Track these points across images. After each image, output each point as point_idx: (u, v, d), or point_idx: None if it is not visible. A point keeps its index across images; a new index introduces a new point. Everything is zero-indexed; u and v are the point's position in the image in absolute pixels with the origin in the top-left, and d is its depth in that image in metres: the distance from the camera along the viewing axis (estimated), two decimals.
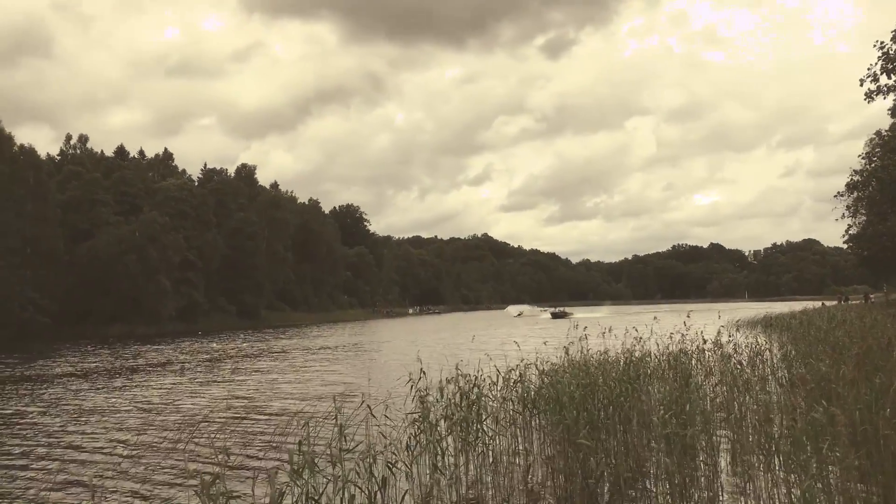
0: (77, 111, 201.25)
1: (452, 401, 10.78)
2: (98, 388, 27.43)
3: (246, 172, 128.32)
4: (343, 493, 7.43)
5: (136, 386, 27.94)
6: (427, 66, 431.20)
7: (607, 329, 16.79)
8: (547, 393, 11.55)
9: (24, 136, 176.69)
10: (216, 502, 6.34)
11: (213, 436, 14.47)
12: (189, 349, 50.54)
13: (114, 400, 23.79)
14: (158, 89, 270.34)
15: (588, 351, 15.14)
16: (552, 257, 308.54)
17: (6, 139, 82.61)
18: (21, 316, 72.24)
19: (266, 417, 17.45)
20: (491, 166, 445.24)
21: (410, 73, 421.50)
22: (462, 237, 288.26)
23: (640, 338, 16.84)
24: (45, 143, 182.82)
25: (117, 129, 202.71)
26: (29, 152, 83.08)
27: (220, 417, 18.17)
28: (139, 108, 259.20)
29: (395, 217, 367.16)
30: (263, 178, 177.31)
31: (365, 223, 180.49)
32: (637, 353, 15.23)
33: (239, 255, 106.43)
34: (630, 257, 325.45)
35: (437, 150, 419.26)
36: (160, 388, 26.70)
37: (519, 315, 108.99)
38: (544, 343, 17.15)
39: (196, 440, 14.34)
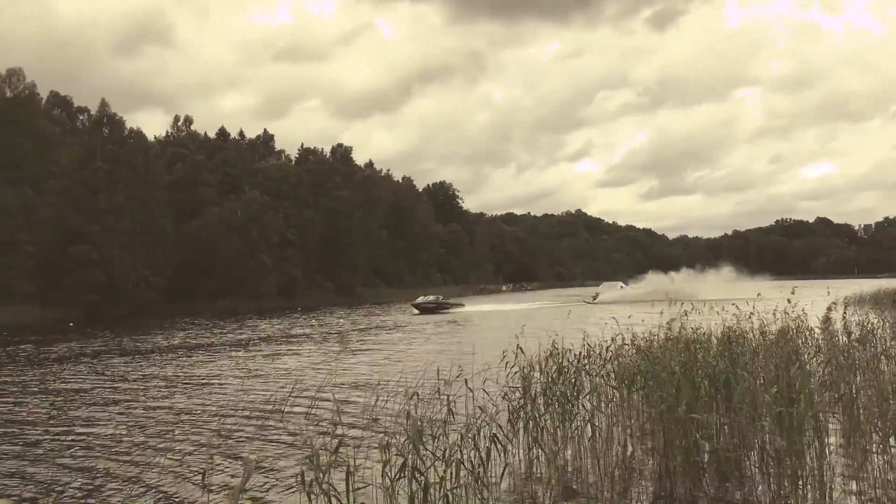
0: (191, 96, 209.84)
1: (550, 376, 10.75)
2: (221, 359, 28.70)
3: (342, 152, 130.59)
4: (450, 467, 7.50)
5: (249, 358, 29.06)
6: (528, 42, 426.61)
7: (708, 306, 16.32)
8: (645, 368, 11.36)
9: (140, 120, 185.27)
10: (325, 472, 6.47)
11: (313, 405, 14.88)
12: (303, 323, 52.29)
13: (231, 371, 24.82)
14: (266, 73, 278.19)
15: (687, 328, 14.77)
16: (648, 233, 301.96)
17: (117, 124, 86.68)
18: (134, 293, 76.12)
19: (369, 389, 17.77)
20: (590, 142, 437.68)
21: (511, 51, 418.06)
22: (556, 214, 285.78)
23: (744, 314, 16.29)
24: (159, 127, 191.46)
25: (227, 112, 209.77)
26: (138, 135, 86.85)
27: (327, 389, 18.53)
28: (248, 91, 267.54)
29: (491, 194, 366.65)
30: (363, 157, 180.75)
31: (458, 200, 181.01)
32: (738, 330, 14.77)
33: (335, 233, 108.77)
34: (730, 232, 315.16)
35: (536, 127, 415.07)
36: (276, 358, 27.67)
37: (595, 300, 77.56)
38: (642, 320, 16.84)
39: (311, 411, 14.68)
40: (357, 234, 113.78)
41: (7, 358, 32.26)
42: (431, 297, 66.97)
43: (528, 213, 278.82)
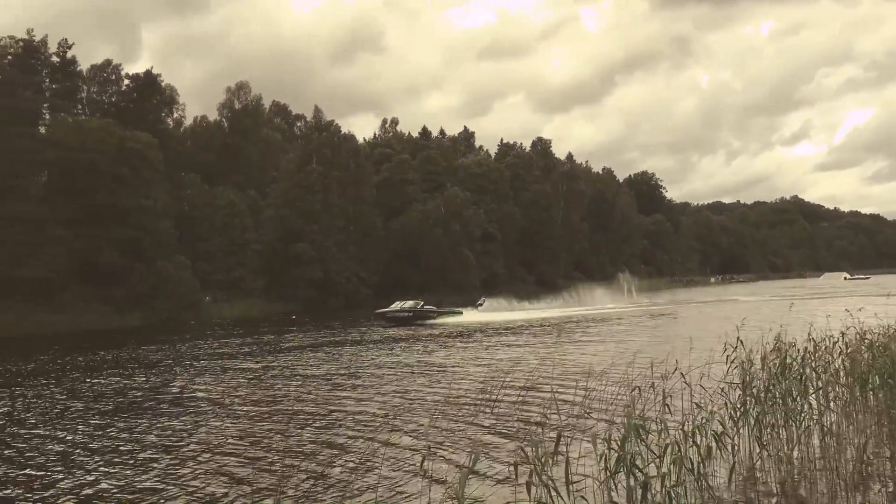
0: (399, 99, 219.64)
1: (774, 372, 10.03)
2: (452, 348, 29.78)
3: (542, 146, 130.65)
4: (670, 464, 7.19)
5: (464, 348, 29.90)
6: (740, 22, 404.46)
7: None
8: (882, 367, 10.29)
9: (353, 124, 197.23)
10: (544, 463, 6.40)
11: (528, 395, 14.94)
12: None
13: (445, 359, 25.64)
14: (469, 72, 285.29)
15: None
16: (875, 219, 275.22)
17: (330, 128, 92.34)
18: (347, 287, 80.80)
19: (582, 380, 17.60)
20: (808, 123, 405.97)
21: (720, 33, 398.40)
22: (769, 201, 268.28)
23: None
24: (371, 130, 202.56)
25: (431, 112, 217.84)
26: (350, 139, 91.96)
27: (542, 380, 18.58)
28: (452, 91, 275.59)
29: (697, 183, 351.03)
30: (563, 150, 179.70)
31: (661, 190, 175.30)
32: None
33: (535, 227, 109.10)
34: None
35: (747, 111, 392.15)
36: (491, 348, 28.25)
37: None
38: (875, 313, 15.34)
39: (526, 401, 14.78)
40: (557, 227, 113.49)
41: (256, 347, 35.35)
42: (409, 304, 52.26)
43: (738, 201, 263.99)
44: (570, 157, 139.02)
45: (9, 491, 11.00)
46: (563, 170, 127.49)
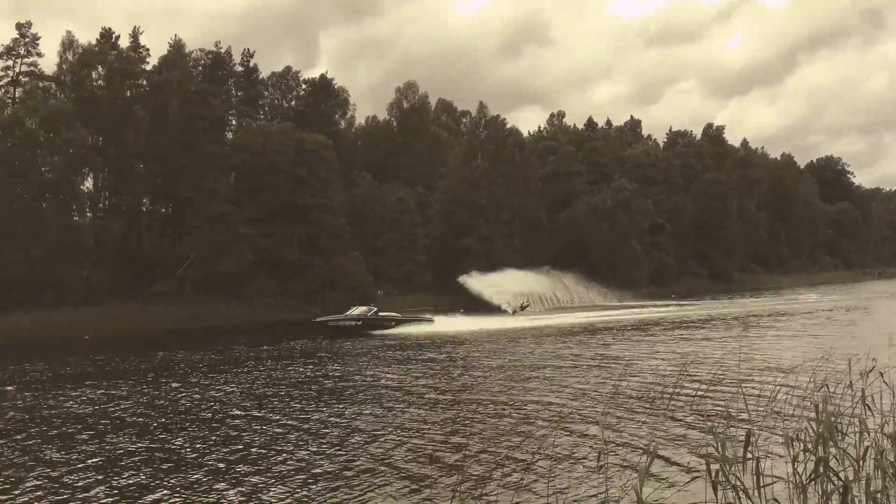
0: (565, 91, 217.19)
1: None
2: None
3: (713, 133, 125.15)
4: (869, 467, 6.66)
5: (640, 342, 29.31)
6: None
7: None
8: None
9: (520, 118, 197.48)
10: (732, 463, 6.11)
11: (711, 391, 14.41)
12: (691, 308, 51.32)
13: (628, 352, 25.23)
14: (638, 60, 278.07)
15: None
16: None
17: (495, 123, 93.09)
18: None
19: (769, 376, 16.71)
20: None
21: None
22: None
23: None
24: (536, 123, 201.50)
25: (598, 103, 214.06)
26: (514, 133, 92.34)
27: (728, 376, 17.86)
28: (620, 80, 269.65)
29: (890, 167, 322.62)
30: (738, 136, 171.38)
31: (848, 176, 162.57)
32: None
33: (708, 218, 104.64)
34: None
35: None
36: (668, 343, 27.55)
37: None
38: None
39: (709, 396, 14.29)
40: (732, 218, 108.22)
41: (428, 341, 36.38)
42: (360, 310, 44.84)
43: None
44: (744, 143, 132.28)
45: (241, 468, 11.83)
46: (737, 157, 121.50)
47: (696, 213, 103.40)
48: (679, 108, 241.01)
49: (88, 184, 66.91)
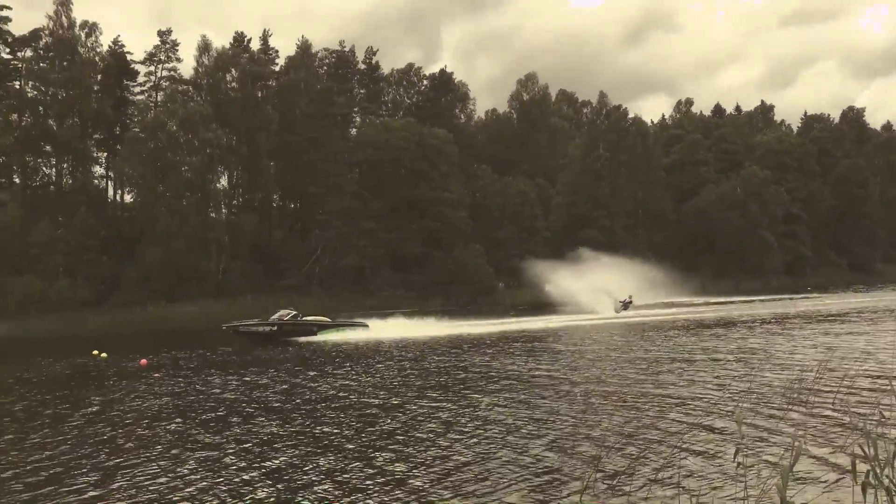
0: (692, 76, 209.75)
1: None
2: None
3: (853, 116, 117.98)
4: None
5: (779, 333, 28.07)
6: None
7: None
8: None
9: (644, 107, 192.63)
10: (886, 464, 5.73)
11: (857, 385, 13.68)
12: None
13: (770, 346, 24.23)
14: (772, 41, 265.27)
15: None
16: None
17: (616, 112, 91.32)
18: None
19: None
20: None
21: None
22: None
23: None
24: (662, 111, 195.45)
25: (727, 88, 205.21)
26: (637, 122, 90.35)
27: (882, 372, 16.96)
28: (751, 64, 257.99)
29: None
30: (881, 119, 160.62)
31: None
32: None
33: (847, 205, 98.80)
34: None
35: None
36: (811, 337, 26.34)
37: None
38: None
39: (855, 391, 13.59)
40: (873, 205, 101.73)
41: (554, 333, 36.21)
42: (278, 314, 38.10)
43: None
44: (887, 126, 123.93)
45: (380, 454, 12.19)
46: (879, 141, 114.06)
47: (835, 201, 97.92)
48: (815, 90, 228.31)
49: (223, 182, 70.47)
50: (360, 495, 9.99)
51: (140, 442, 14.13)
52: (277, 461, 11.92)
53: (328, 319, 38.60)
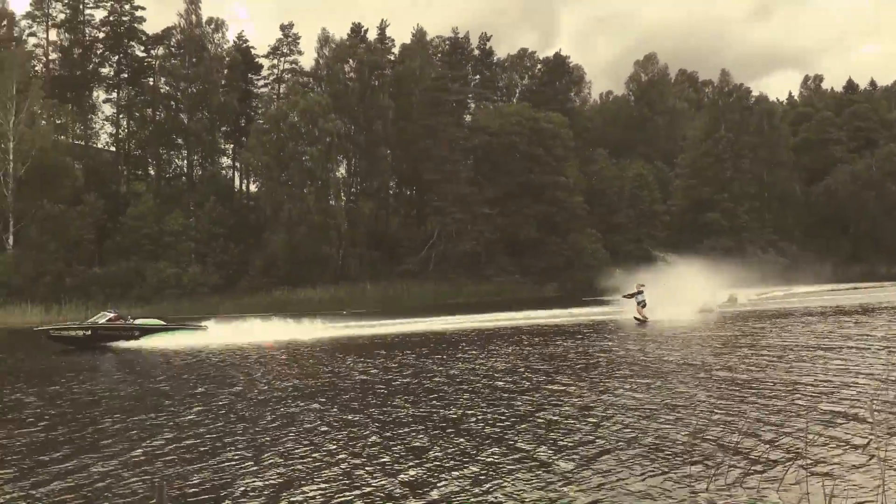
0: (824, 51, 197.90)
1: None
2: None
3: None
4: None
5: None
6: None
7: None
8: None
9: (769, 85, 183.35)
10: None
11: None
12: None
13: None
14: None
15: None
16: None
17: (738, 91, 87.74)
18: (762, 257, 76.10)
19: None
20: None
21: None
22: None
23: None
24: (790, 89, 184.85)
25: (862, 62, 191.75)
26: (762, 101, 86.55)
27: None
28: (890, 34, 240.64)
29: None
30: None
31: None
32: None
33: None
34: None
35: None
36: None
37: None
38: None
39: None
40: None
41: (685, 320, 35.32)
42: (93, 319, 34.13)
43: None
44: None
45: (511, 437, 12.26)
46: None
47: None
48: None
49: (342, 170, 72.36)
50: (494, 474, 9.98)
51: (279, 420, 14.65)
52: (409, 440, 12.08)
53: (162, 322, 34.87)
